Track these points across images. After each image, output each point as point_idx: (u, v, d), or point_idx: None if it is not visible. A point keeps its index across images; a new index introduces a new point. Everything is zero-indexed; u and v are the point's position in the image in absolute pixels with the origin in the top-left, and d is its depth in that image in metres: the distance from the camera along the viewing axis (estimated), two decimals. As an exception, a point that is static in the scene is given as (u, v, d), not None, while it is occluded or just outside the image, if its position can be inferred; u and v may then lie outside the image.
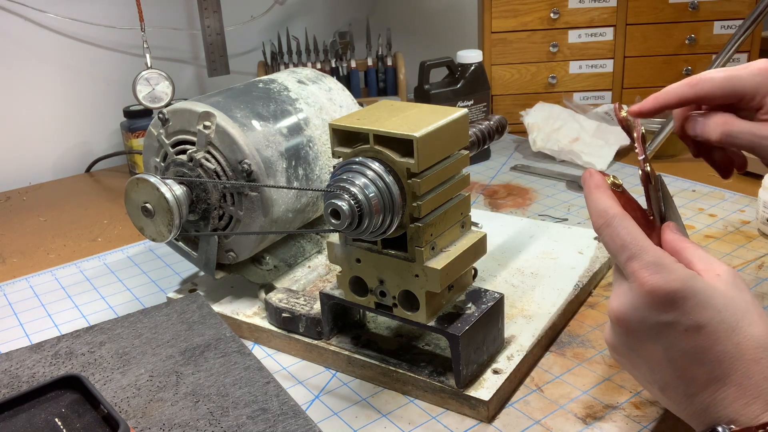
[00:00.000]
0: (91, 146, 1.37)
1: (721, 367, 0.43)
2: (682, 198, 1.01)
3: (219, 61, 1.35)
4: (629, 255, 0.46)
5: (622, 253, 0.46)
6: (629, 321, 0.46)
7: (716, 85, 0.54)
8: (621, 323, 0.46)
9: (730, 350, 0.43)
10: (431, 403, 0.61)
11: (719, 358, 0.43)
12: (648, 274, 0.44)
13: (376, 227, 0.54)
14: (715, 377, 0.43)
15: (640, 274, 0.44)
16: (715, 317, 0.43)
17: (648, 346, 0.46)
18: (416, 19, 1.70)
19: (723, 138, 0.54)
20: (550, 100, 1.32)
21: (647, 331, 0.45)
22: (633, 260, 0.45)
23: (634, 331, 0.46)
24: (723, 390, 0.43)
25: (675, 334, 0.44)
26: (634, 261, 0.45)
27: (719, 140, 0.54)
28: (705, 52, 1.31)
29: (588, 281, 0.76)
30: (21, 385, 0.60)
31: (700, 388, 0.44)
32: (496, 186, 1.11)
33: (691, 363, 0.44)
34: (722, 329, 0.43)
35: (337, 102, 0.80)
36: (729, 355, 0.43)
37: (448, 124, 0.57)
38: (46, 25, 1.28)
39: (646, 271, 0.44)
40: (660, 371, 0.46)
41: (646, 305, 0.44)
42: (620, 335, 0.47)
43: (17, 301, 0.85)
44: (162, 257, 0.94)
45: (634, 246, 0.46)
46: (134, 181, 0.68)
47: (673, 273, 0.44)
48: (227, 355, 0.63)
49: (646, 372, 0.47)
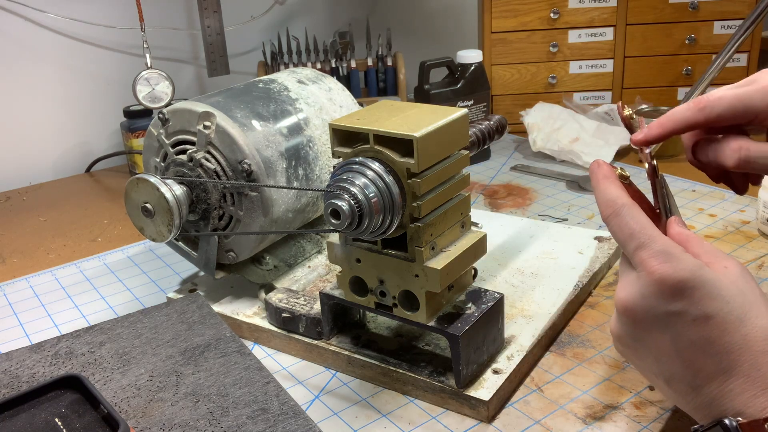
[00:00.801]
0: (91, 146, 1.37)
1: (728, 359, 0.42)
2: (682, 198, 1.01)
3: (219, 61, 1.35)
4: (638, 244, 0.45)
5: (630, 242, 0.46)
6: (636, 310, 0.45)
7: (727, 106, 0.51)
8: (628, 312, 0.46)
9: (738, 341, 0.42)
10: (431, 403, 0.61)
11: (727, 349, 0.42)
12: (657, 263, 0.44)
13: (376, 227, 0.54)
14: (723, 368, 0.43)
15: (648, 263, 0.44)
16: (723, 308, 0.43)
17: (655, 336, 0.45)
18: (416, 19, 1.70)
19: (740, 164, 0.51)
20: (550, 100, 1.32)
21: (655, 321, 0.44)
22: (641, 249, 0.45)
23: (641, 321, 0.45)
24: (730, 381, 0.42)
25: (683, 324, 0.43)
26: (642, 250, 0.45)
27: (736, 166, 0.51)
28: (705, 52, 1.31)
29: (588, 281, 0.76)
30: (21, 385, 0.60)
31: (707, 380, 0.43)
32: (496, 186, 1.11)
33: (699, 354, 0.43)
34: (730, 320, 0.43)
35: (337, 102, 0.80)
36: (737, 346, 0.42)
37: (448, 124, 0.57)
38: (46, 25, 1.28)
39: (655, 260, 0.44)
40: (666, 362, 0.45)
41: (655, 294, 0.44)
42: (627, 325, 0.47)
43: (17, 301, 0.85)
44: (162, 257, 0.94)
45: (643, 235, 0.45)
46: (134, 181, 0.68)
47: (683, 262, 0.43)
48: (227, 355, 0.63)
49: (652, 363, 0.46)
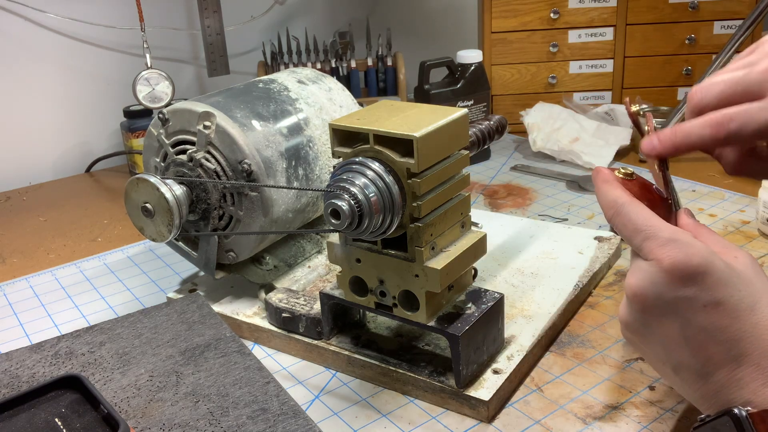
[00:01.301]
0: (91, 146, 1.37)
1: (738, 346, 0.42)
2: (682, 198, 1.01)
3: (219, 61, 1.35)
4: (644, 236, 0.45)
5: (636, 236, 0.46)
6: (647, 296, 0.45)
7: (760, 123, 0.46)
8: (638, 299, 0.45)
9: (749, 329, 0.42)
10: (431, 403, 0.61)
11: (737, 337, 0.42)
12: (667, 251, 0.43)
13: (376, 227, 0.54)
14: (732, 356, 0.42)
15: (658, 252, 0.44)
16: (734, 295, 0.43)
17: (664, 323, 0.45)
18: (416, 19, 1.70)
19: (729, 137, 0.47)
20: (550, 100, 1.32)
21: (664, 307, 0.44)
22: (648, 240, 0.45)
23: (650, 307, 0.45)
24: (740, 370, 0.42)
25: (693, 310, 0.43)
26: (649, 241, 0.45)
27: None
28: (705, 52, 1.31)
29: (588, 281, 0.76)
30: (21, 385, 0.60)
31: (716, 367, 0.43)
32: (496, 186, 1.11)
33: (708, 341, 0.43)
34: (741, 307, 0.42)
35: (337, 102, 0.80)
36: (747, 334, 0.42)
37: (448, 124, 0.57)
38: (46, 25, 1.28)
39: (665, 248, 0.44)
40: (675, 349, 0.45)
41: (665, 280, 0.44)
42: (636, 312, 0.46)
43: (17, 301, 0.85)
44: (162, 257, 0.94)
45: (647, 227, 0.45)
46: (134, 181, 0.68)
47: (693, 247, 0.43)
48: (227, 355, 0.63)
49: (660, 351, 0.46)
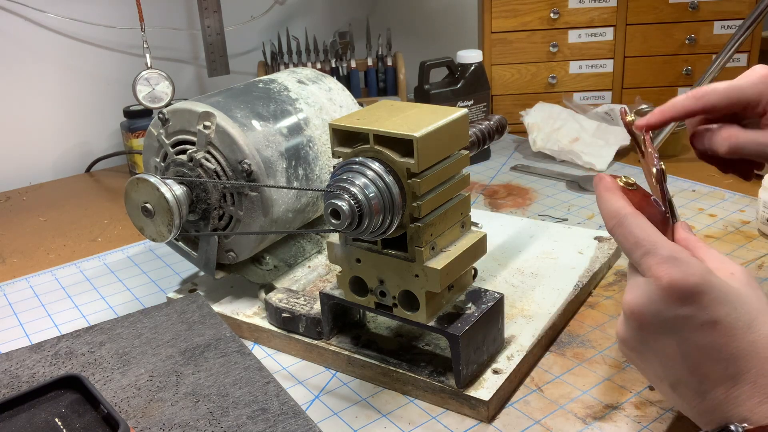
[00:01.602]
0: (91, 146, 1.37)
1: (735, 365, 0.42)
2: (682, 198, 1.01)
3: (219, 61, 1.35)
4: (644, 251, 0.45)
5: (636, 250, 0.46)
6: (644, 314, 0.45)
7: (720, 95, 0.56)
8: (635, 316, 0.46)
9: (746, 347, 0.42)
10: (431, 403, 0.61)
11: (734, 355, 0.42)
12: (665, 269, 0.44)
13: (376, 227, 0.54)
14: (729, 375, 0.43)
15: (657, 269, 0.44)
16: (731, 313, 0.43)
17: (662, 341, 0.45)
18: (416, 19, 1.70)
19: (731, 150, 0.56)
20: (550, 100, 1.32)
21: (662, 325, 0.44)
22: (648, 256, 0.45)
23: (648, 325, 0.45)
24: (737, 388, 0.42)
25: (690, 329, 0.43)
26: (649, 257, 0.45)
27: (727, 153, 0.56)
28: (705, 52, 1.31)
29: (588, 281, 0.76)
30: (21, 385, 0.60)
31: (714, 385, 0.43)
32: (496, 186, 1.11)
33: (706, 359, 0.43)
34: (738, 326, 0.43)
35: (337, 102, 0.80)
36: (744, 352, 0.42)
37: (448, 124, 0.57)
38: (46, 25, 1.28)
39: (663, 266, 0.44)
40: (672, 367, 0.45)
41: (663, 299, 0.44)
42: (633, 329, 0.46)
43: (17, 301, 0.85)
44: (162, 257, 0.94)
45: (648, 242, 0.45)
46: (134, 181, 0.68)
47: (692, 267, 0.44)
48: (227, 355, 0.63)
49: (658, 368, 0.46)
